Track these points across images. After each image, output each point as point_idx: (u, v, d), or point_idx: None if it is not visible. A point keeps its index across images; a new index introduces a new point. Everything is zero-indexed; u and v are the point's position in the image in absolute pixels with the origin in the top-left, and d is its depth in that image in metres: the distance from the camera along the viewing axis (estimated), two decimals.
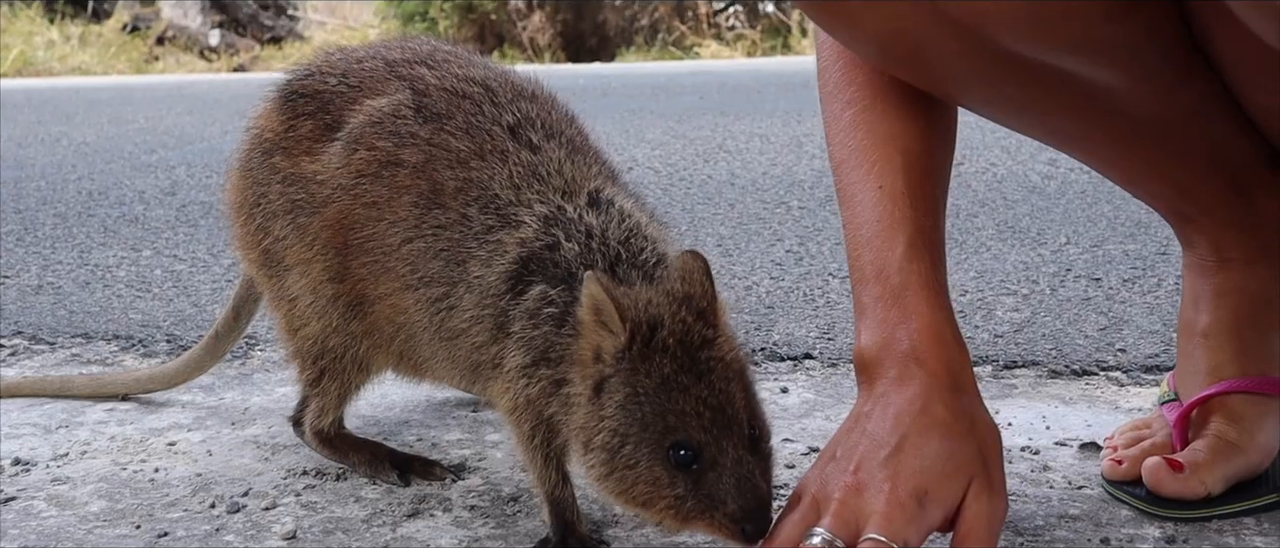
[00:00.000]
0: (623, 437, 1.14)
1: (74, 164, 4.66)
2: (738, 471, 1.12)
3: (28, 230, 3.26)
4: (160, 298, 2.42)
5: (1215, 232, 1.39)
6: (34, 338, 2.17)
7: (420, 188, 1.32)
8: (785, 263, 2.58)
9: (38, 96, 8.89)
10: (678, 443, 1.12)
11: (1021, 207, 3.13)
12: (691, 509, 1.13)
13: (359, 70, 1.44)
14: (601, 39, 16.29)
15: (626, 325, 1.13)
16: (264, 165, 1.45)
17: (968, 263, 2.53)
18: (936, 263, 1.25)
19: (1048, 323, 2.06)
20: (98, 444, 1.63)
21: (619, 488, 1.16)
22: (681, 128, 5.16)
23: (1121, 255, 2.53)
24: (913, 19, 1.15)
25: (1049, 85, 1.22)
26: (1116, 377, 1.79)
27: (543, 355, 1.22)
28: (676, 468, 1.13)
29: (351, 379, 1.47)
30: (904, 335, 1.21)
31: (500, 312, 1.25)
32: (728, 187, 3.68)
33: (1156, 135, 1.30)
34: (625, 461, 1.14)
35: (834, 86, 1.34)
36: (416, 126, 1.35)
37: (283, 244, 1.43)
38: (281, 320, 1.48)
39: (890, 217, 1.25)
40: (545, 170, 1.30)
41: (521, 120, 1.34)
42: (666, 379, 1.13)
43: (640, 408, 1.13)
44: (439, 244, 1.30)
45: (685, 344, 1.14)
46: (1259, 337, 1.38)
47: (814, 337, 2.02)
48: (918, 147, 1.28)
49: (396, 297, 1.36)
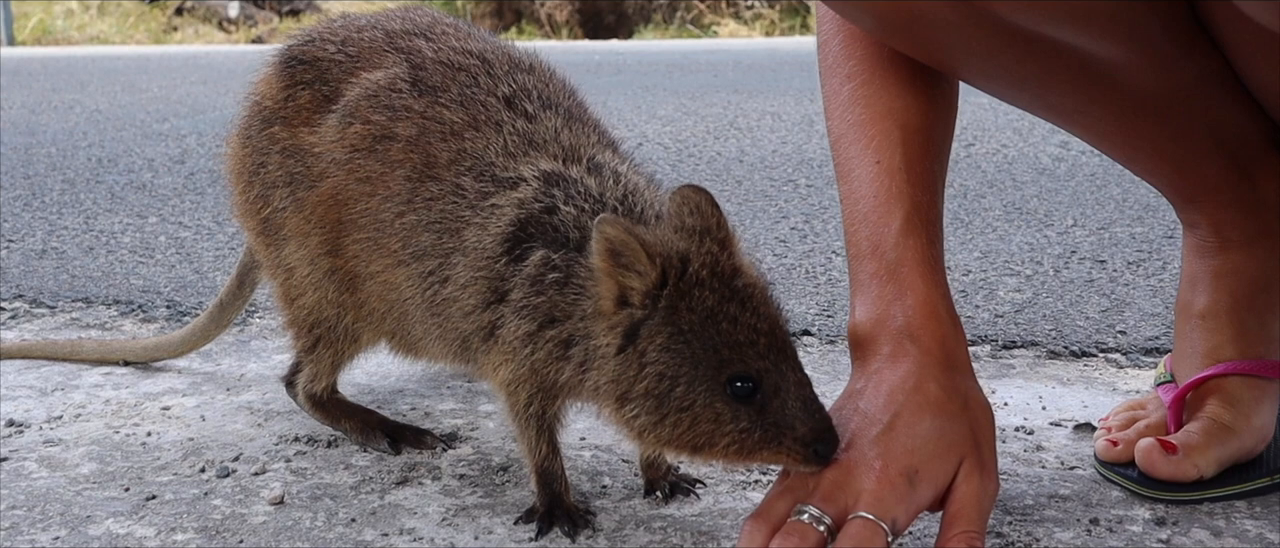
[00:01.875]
0: (672, 379, 1.10)
1: (85, 131, 4.67)
2: (801, 393, 1.11)
3: (35, 195, 3.27)
4: (163, 264, 2.42)
5: (1215, 212, 1.37)
6: (35, 301, 2.17)
7: (413, 161, 1.31)
8: (790, 240, 2.57)
9: (54, 65, 8.91)
10: (735, 375, 1.09)
11: (1030, 188, 3.11)
12: (759, 440, 1.10)
13: (358, 40, 1.43)
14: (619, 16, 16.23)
15: (656, 262, 1.09)
16: (263, 134, 1.44)
17: (973, 243, 2.51)
18: (933, 239, 1.24)
19: (1049, 304, 2.04)
20: (92, 408, 1.63)
21: (673, 433, 1.12)
22: (694, 105, 5.14)
23: (1128, 238, 2.51)
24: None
25: (1048, 58, 1.20)
26: (1115, 358, 1.78)
27: (548, 318, 1.19)
28: (738, 401, 1.10)
29: (345, 349, 1.47)
30: (899, 311, 1.20)
31: (496, 276, 1.23)
32: (736, 163, 3.66)
33: (1156, 111, 1.29)
34: (679, 403, 1.10)
35: (833, 61, 1.33)
36: (411, 100, 1.33)
37: (281, 215, 1.42)
38: (278, 288, 1.48)
39: (887, 192, 1.24)
40: (541, 138, 1.28)
41: (517, 91, 1.32)
42: (711, 312, 1.10)
43: (688, 346, 1.10)
44: (431, 216, 1.28)
45: (718, 275, 1.11)
46: (1257, 319, 1.37)
47: (814, 314, 2.01)
48: (916, 122, 1.27)
49: (388, 273, 1.34)
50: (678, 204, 1.15)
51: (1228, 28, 1.20)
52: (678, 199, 1.15)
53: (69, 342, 1.86)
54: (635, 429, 1.14)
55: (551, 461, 1.28)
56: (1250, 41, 1.18)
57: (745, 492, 1.34)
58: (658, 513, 1.30)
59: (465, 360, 1.32)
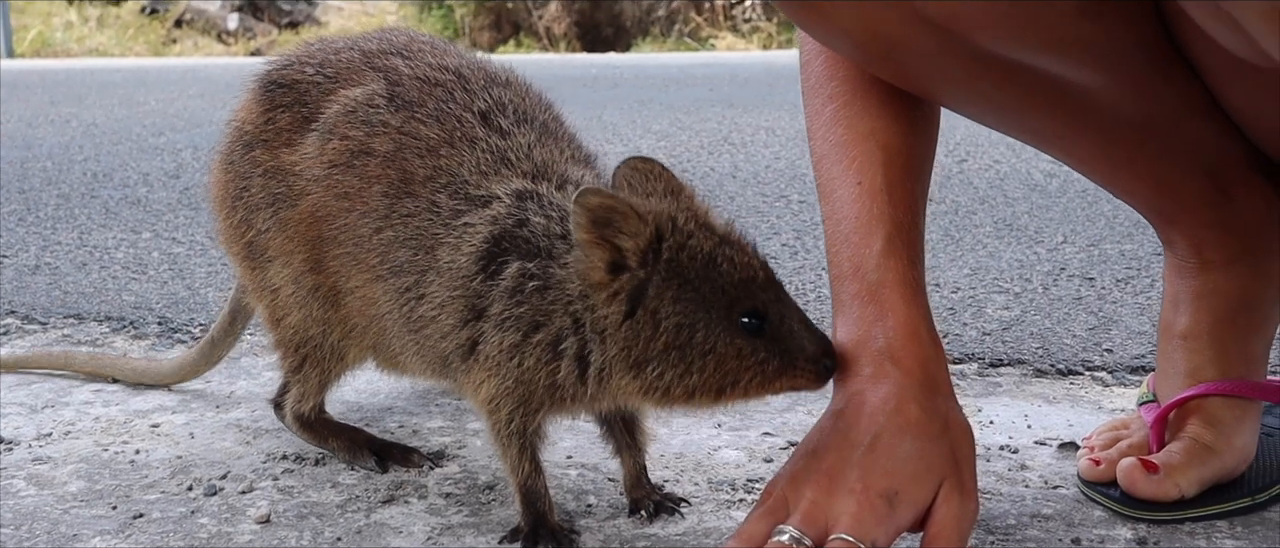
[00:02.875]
0: (690, 327, 1.14)
1: (81, 145, 4.68)
2: (800, 317, 1.17)
3: (30, 210, 3.27)
4: (155, 280, 2.43)
5: (1196, 232, 1.38)
6: (27, 318, 2.18)
7: (390, 177, 1.32)
8: (780, 256, 2.58)
9: (52, 78, 8.93)
10: (745, 311, 1.14)
11: (1021, 205, 3.12)
12: (777, 368, 1.15)
13: (335, 61, 1.44)
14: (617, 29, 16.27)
15: (649, 219, 1.13)
16: (245, 159, 1.46)
17: (963, 259, 2.52)
18: (914, 260, 1.25)
19: (1037, 322, 2.05)
20: (82, 425, 1.64)
21: (700, 380, 1.15)
22: (689, 120, 5.16)
23: (1117, 255, 2.52)
24: (888, 18, 1.15)
25: (1027, 84, 1.22)
26: (1102, 377, 1.79)
27: (533, 325, 1.21)
28: (751, 335, 1.14)
29: (331, 368, 1.48)
30: (880, 333, 1.21)
31: (472, 294, 1.24)
32: (729, 179, 3.67)
33: (1136, 134, 1.30)
34: (701, 348, 1.14)
35: (815, 82, 1.34)
36: (388, 115, 1.35)
37: (265, 237, 1.43)
38: (264, 310, 1.49)
39: (868, 213, 1.25)
40: (514, 155, 1.30)
41: (493, 106, 1.34)
42: (710, 256, 1.14)
43: (698, 292, 1.14)
44: (407, 232, 1.30)
45: (702, 224, 1.16)
46: (1238, 339, 1.37)
47: None
48: (898, 143, 1.27)
49: (367, 289, 1.36)
50: (631, 173, 1.20)
51: (1203, 54, 1.21)
52: (628, 170, 1.20)
53: (63, 352, 1.87)
54: (660, 390, 1.16)
55: (535, 479, 1.29)
56: (1225, 66, 1.19)
57: (729, 511, 1.35)
58: (642, 532, 1.30)
59: (446, 377, 1.34)
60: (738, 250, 1.16)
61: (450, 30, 16.25)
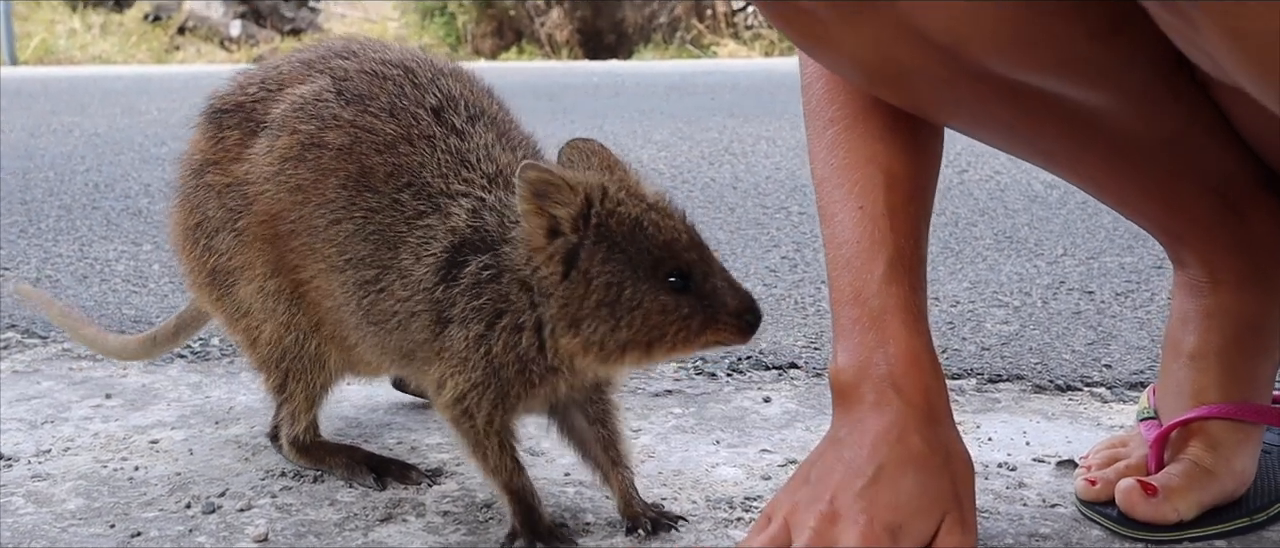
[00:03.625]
0: (619, 285, 1.22)
1: (83, 155, 4.69)
2: (723, 277, 1.24)
3: (31, 222, 3.28)
4: (155, 294, 2.43)
5: (1207, 252, 1.37)
6: (27, 332, 2.18)
7: (348, 170, 1.36)
8: (780, 269, 2.58)
9: (55, 86, 8.94)
10: (670, 270, 1.22)
11: (1021, 216, 3.12)
12: (700, 322, 1.22)
13: (278, 72, 1.48)
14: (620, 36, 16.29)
15: (579, 189, 1.22)
16: (199, 187, 1.48)
17: (963, 273, 2.52)
18: (916, 286, 1.25)
19: (1036, 336, 2.05)
20: (81, 441, 1.64)
21: (628, 335, 1.23)
22: (690, 129, 5.16)
23: (1117, 268, 2.52)
24: (894, 43, 1.13)
25: (1035, 106, 1.21)
26: (1100, 393, 1.79)
27: (495, 312, 1.28)
28: (676, 293, 1.22)
29: (315, 378, 1.49)
30: (881, 360, 1.21)
31: (435, 304, 1.30)
32: (730, 190, 3.68)
33: (1146, 154, 1.29)
34: (629, 304, 1.22)
35: (817, 104, 1.33)
36: (338, 109, 1.38)
37: (226, 257, 1.46)
38: (241, 337, 1.50)
39: (870, 238, 1.24)
40: (474, 157, 1.35)
41: (444, 100, 1.39)
42: (637, 220, 1.23)
43: (625, 253, 1.22)
44: (370, 227, 1.34)
45: (632, 193, 1.25)
46: (1245, 362, 1.36)
47: (800, 346, 2.02)
48: (900, 167, 1.27)
49: (322, 279, 1.39)
50: (573, 152, 1.30)
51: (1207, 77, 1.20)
52: (570, 150, 1.30)
53: None
54: (597, 345, 1.24)
55: (520, 476, 1.33)
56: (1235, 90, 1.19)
57: (727, 529, 1.35)
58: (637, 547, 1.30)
59: (406, 371, 1.41)
60: (664, 216, 1.24)
61: (452, 37, 16.27)
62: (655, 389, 1.82)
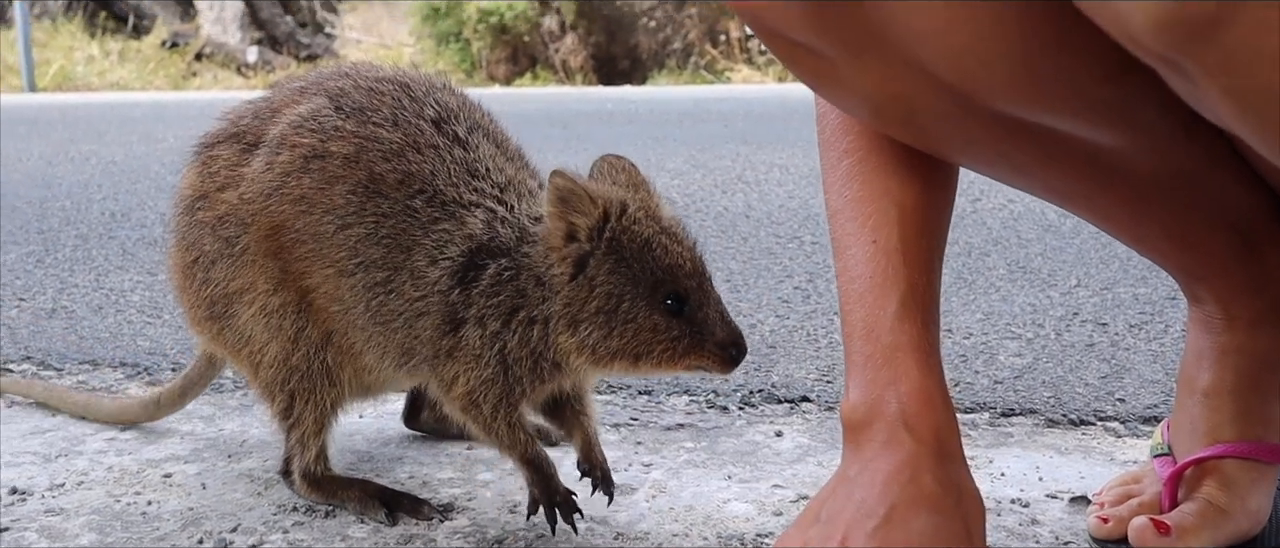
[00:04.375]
0: (618, 297, 1.32)
1: (100, 184, 4.72)
2: (718, 308, 1.34)
3: (49, 252, 3.30)
4: (170, 325, 2.44)
5: (1223, 289, 1.36)
6: (42, 363, 2.19)
7: (356, 177, 1.41)
8: (792, 300, 2.58)
9: (72, 113, 9.01)
10: (669, 293, 1.32)
11: (1035, 246, 3.11)
12: (686, 346, 1.32)
13: (271, 99, 1.52)
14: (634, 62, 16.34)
15: (599, 203, 1.32)
16: (192, 224, 1.51)
17: (976, 304, 2.52)
18: (929, 322, 1.24)
19: (1049, 369, 2.04)
20: (95, 475, 1.65)
21: (619, 344, 1.33)
22: (703, 157, 5.17)
23: (1131, 299, 2.51)
24: (905, 83, 1.13)
25: (1047, 146, 1.20)
26: (1114, 427, 1.78)
27: (512, 308, 1.36)
28: (670, 315, 1.32)
29: (323, 396, 1.50)
30: (893, 398, 1.20)
31: (449, 306, 1.38)
32: (743, 219, 3.68)
33: (1161, 193, 1.28)
34: (624, 316, 1.32)
35: (830, 135, 1.33)
36: (340, 121, 1.43)
37: (224, 285, 1.48)
38: (245, 366, 1.52)
39: (883, 274, 1.24)
40: (481, 168, 1.43)
41: (442, 113, 1.45)
42: (647, 241, 1.32)
43: (630, 269, 1.32)
44: (382, 231, 1.40)
45: (652, 216, 1.34)
46: (1260, 400, 1.36)
47: (813, 379, 2.02)
48: (913, 201, 1.26)
49: (331, 283, 1.43)
50: (607, 169, 1.40)
51: None
52: (605, 166, 1.40)
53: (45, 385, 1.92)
54: (589, 347, 1.34)
55: (533, 446, 1.41)
56: None
57: None
58: None
59: (406, 370, 1.45)
60: (673, 241, 1.34)
61: (467, 63, 16.34)
62: (667, 423, 1.82)
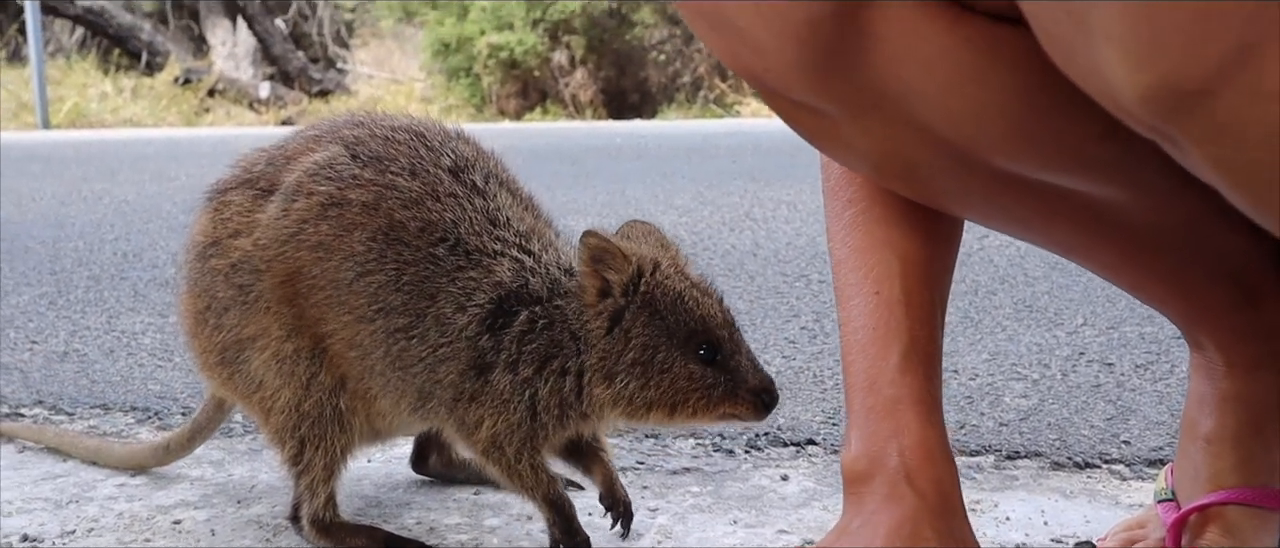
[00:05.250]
0: (654, 348, 1.37)
1: (112, 224, 4.76)
2: (750, 357, 1.40)
3: (61, 293, 3.33)
4: (181, 368, 2.46)
5: (1223, 337, 1.37)
6: (54, 408, 2.21)
7: (377, 225, 1.42)
8: (799, 341, 2.59)
9: (86, 150, 9.08)
10: (702, 343, 1.37)
11: (1041, 284, 3.12)
12: (721, 394, 1.37)
13: (283, 150, 1.53)
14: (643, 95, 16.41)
15: (632, 260, 1.38)
16: (204, 271, 1.52)
17: (982, 344, 2.52)
18: (931, 375, 1.25)
19: (1055, 411, 2.05)
20: (105, 521, 1.66)
21: (655, 394, 1.37)
22: (711, 194, 5.19)
23: (1137, 338, 2.52)
24: (904, 142, 1.14)
25: (1047, 200, 1.21)
26: (1119, 470, 1.78)
27: (546, 356, 1.40)
28: (704, 364, 1.37)
29: (333, 442, 1.51)
30: (894, 451, 1.21)
31: (476, 352, 1.40)
32: (750, 257, 3.69)
33: (1160, 244, 1.29)
34: (660, 366, 1.37)
35: (835, 184, 1.34)
36: (357, 169, 1.45)
37: (237, 331, 1.50)
38: (256, 411, 1.53)
39: (886, 325, 1.25)
40: (502, 217, 1.46)
41: (458, 163, 1.48)
42: (680, 294, 1.38)
43: (664, 321, 1.37)
44: (404, 278, 1.42)
45: (680, 273, 1.41)
46: (1263, 447, 1.36)
47: (819, 421, 2.03)
48: (916, 253, 1.27)
49: (349, 330, 1.44)
50: (631, 228, 1.48)
51: None
52: (629, 228, 1.49)
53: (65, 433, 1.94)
54: (626, 399, 1.38)
55: (554, 487, 1.45)
56: None
57: None
58: None
59: (420, 414, 1.47)
60: (703, 295, 1.40)
61: (477, 98, 16.43)
62: (673, 467, 1.83)
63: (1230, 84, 0.78)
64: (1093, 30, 0.79)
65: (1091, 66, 0.83)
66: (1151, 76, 0.79)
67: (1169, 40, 0.77)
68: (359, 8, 20.88)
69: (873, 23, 1.01)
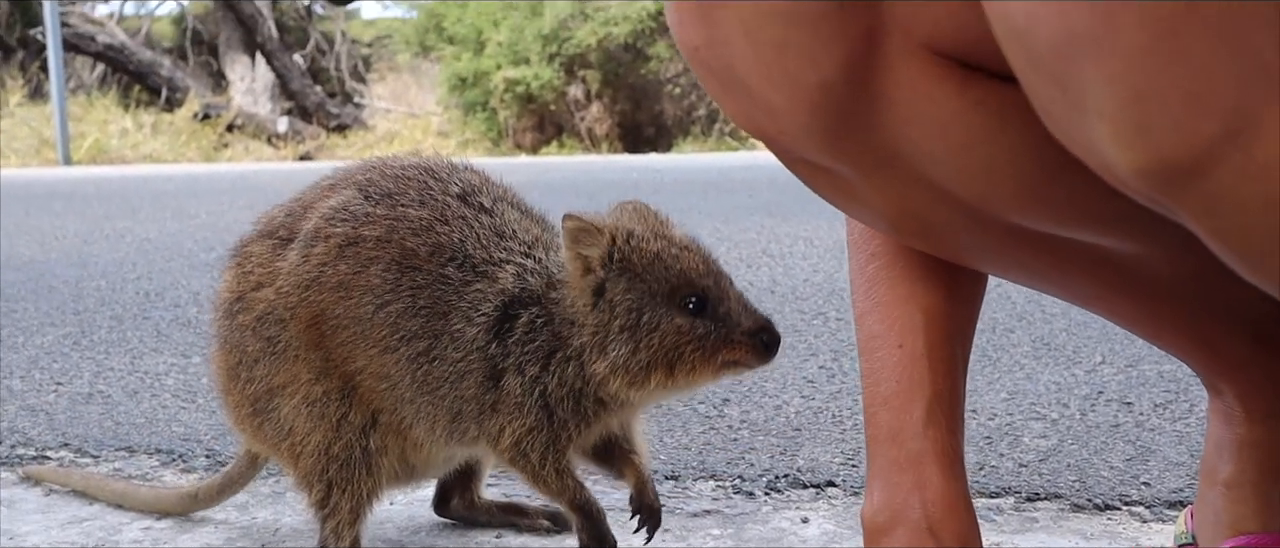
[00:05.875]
0: (639, 311, 1.38)
1: (134, 263, 4.80)
2: (740, 300, 1.40)
3: (84, 333, 3.36)
4: (204, 409, 2.48)
5: (1241, 385, 1.37)
6: (80, 450, 2.23)
7: (390, 255, 1.46)
8: (817, 380, 2.60)
9: (107, 187, 9.15)
10: (686, 295, 1.38)
11: (1059, 322, 3.12)
12: (715, 341, 1.37)
13: (299, 201, 1.57)
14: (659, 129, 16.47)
15: (605, 231, 1.39)
16: (233, 328, 1.56)
17: (1000, 383, 2.53)
18: (953, 428, 1.26)
19: (1074, 452, 2.05)
20: None
21: (647, 357, 1.38)
22: (728, 230, 5.21)
23: (1156, 377, 2.52)
24: (920, 200, 1.15)
25: (1062, 253, 1.23)
26: (1140, 512, 1.78)
27: (550, 350, 1.42)
28: (692, 315, 1.37)
29: (361, 486, 1.53)
30: (917, 504, 1.22)
31: (489, 360, 1.43)
32: (768, 294, 3.70)
33: (1176, 294, 1.30)
34: (647, 327, 1.38)
35: (858, 237, 1.36)
36: (370, 208, 1.49)
37: (267, 379, 1.53)
38: (285, 457, 1.56)
39: (909, 379, 1.26)
40: (509, 230, 1.49)
41: (466, 189, 1.52)
42: (657, 255, 1.39)
43: (644, 282, 1.38)
44: (419, 302, 1.45)
45: (660, 236, 1.42)
46: None
47: (838, 463, 2.03)
48: (939, 306, 1.29)
49: (375, 363, 1.47)
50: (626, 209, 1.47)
51: None
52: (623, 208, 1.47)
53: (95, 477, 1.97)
54: (623, 368, 1.39)
55: (582, 492, 1.47)
56: None
57: None
58: None
59: (453, 435, 1.49)
60: (683, 250, 1.41)
61: (494, 131, 16.52)
62: (693, 509, 1.84)
63: (1222, 161, 0.80)
64: (1086, 109, 0.81)
65: (1087, 142, 0.84)
66: (1144, 155, 0.81)
67: (1160, 121, 0.79)
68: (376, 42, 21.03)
69: (884, 86, 1.03)
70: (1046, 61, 0.83)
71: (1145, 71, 0.78)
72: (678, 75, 16.15)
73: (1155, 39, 0.77)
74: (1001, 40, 0.86)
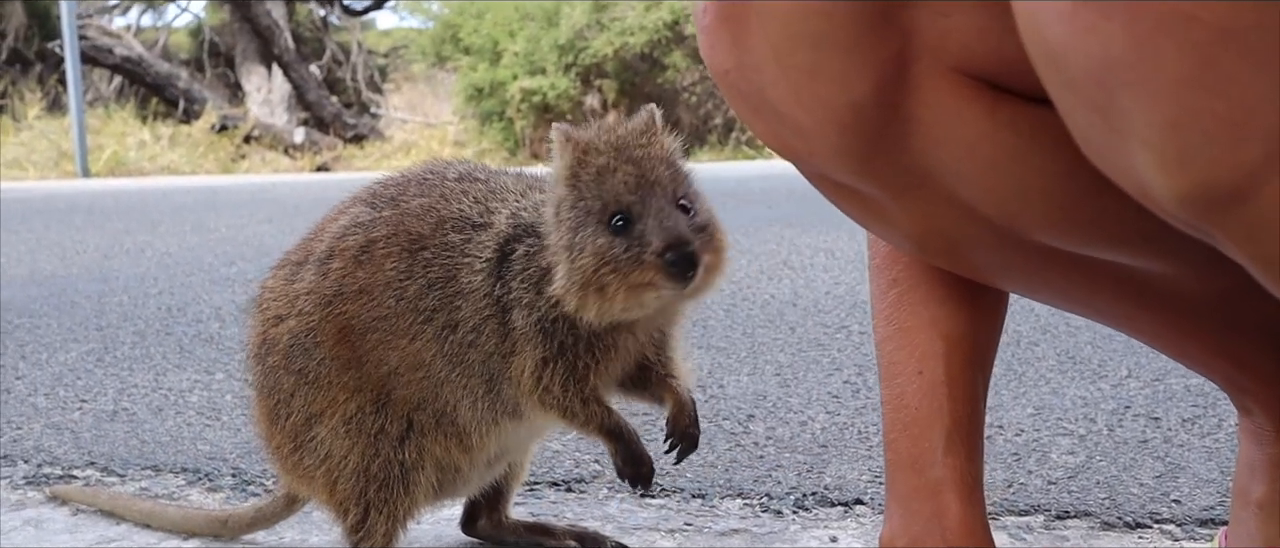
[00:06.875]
0: (574, 228, 1.33)
1: (156, 277, 4.81)
2: (659, 217, 1.31)
3: (108, 350, 3.37)
4: (229, 427, 2.48)
5: (1271, 403, 1.37)
6: (106, 469, 2.24)
7: (400, 245, 1.47)
8: (842, 395, 2.59)
9: (127, 200, 9.20)
10: (614, 213, 1.32)
11: (1084, 335, 3.10)
12: (627, 260, 1.30)
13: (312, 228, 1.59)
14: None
15: (569, 144, 1.36)
16: (265, 372, 1.58)
17: (1026, 397, 2.51)
18: (972, 455, 1.26)
19: (1103, 469, 2.04)
20: None
21: (580, 276, 1.32)
22: (747, 242, 5.20)
23: (1183, 391, 2.50)
24: (948, 220, 1.15)
25: (1089, 272, 1.22)
26: (1171, 530, 1.77)
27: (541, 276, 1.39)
28: (616, 234, 1.31)
29: (397, 507, 1.53)
30: (936, 530, 1.22)
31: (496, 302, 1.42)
32: (790, 307, 3.69)
33: (1203, 312, 1.29)
34: (578, 246, 1.32)
35: (880, 263, 1.36)
36: (376, 214, 1.51)
37: (304, 410, 1.53)
38: (321, 485, 1.55)
39: (930, 406, 1.26)
40: (504, 191, 1.49)
41: (464, 173, 1.53)
42: (600, 170, 1.34)
43: (582, 199, 1.34)
44: (431, 276, 1.46)
45: (618, 147, 1.35)
46: None
47: (866, 480, 2.02)
48: (960, 332, 1.29)
49: (407, 353, 1.47)
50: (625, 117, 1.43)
51: None
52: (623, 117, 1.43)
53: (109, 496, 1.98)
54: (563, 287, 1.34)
55: (610, 417, 1.44)
56: None
57: None
58: None
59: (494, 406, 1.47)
60: (635, 165, 1.33)
61: (510, 142, 16.54)
62: (721, 528, 1.83)
63: (1264, 186, 0.79)
64: (1127, 135, 0.81)
65: (1126, 167, 0.84)
66: (1185, 181, 0.80)
67: (1202, 147, 0.78)
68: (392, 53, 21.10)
69: (914, 107, 1.03)
70: (1084, 88, 0.83)
71: (1186, 100, 0.78)
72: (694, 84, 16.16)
73: (1196, 68, 0.76)
74: (1037, 64, 0.86)
